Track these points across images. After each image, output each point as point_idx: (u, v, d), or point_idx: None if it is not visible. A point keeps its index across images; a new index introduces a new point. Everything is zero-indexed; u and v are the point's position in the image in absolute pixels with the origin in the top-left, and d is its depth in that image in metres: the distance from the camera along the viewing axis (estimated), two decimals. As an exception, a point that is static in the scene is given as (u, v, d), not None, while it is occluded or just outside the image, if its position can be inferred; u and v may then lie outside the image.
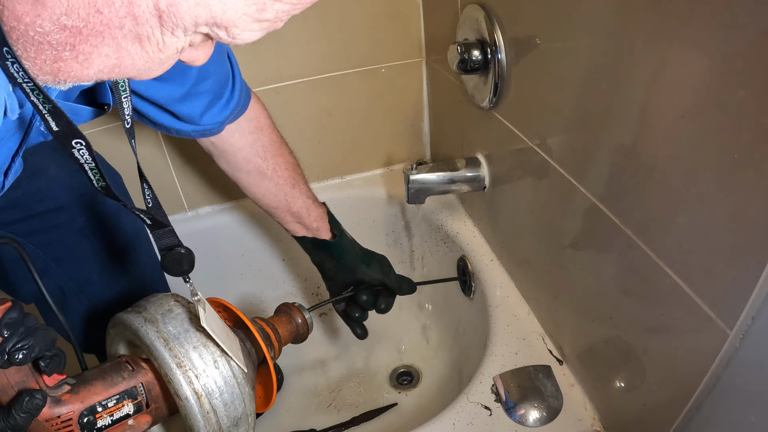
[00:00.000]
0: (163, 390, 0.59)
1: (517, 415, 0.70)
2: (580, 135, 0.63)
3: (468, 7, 0.81)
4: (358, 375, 1.14)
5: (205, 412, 0.56)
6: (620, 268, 0.60)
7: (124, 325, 0.60)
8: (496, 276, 0.93)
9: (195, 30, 0.32)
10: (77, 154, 0.40)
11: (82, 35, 0.30)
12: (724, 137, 0.42)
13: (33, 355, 0.45)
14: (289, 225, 0.87)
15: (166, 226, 0.53)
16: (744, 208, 0.42)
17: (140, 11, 0.30)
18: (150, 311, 0.59)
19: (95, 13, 0.29)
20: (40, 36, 0.30)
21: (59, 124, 0.37)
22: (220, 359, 0.58)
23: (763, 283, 0.41)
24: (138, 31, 0.31)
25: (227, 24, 0.32)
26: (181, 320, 0.59)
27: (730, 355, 0.46)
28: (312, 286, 1.27)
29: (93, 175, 0.43)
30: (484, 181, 0.92)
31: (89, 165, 0.42)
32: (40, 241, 0.73)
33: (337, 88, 1.09)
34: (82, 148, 0.40)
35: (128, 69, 0.33)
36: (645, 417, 0.61)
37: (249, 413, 0.61)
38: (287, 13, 0.33)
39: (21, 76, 0.32)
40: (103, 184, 0.44)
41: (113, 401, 0.54)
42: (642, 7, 0.48)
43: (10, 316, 0.45)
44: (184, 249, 0.55)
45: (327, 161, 1.19)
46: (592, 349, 0.71)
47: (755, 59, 0.38)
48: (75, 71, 0.32)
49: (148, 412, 0.57)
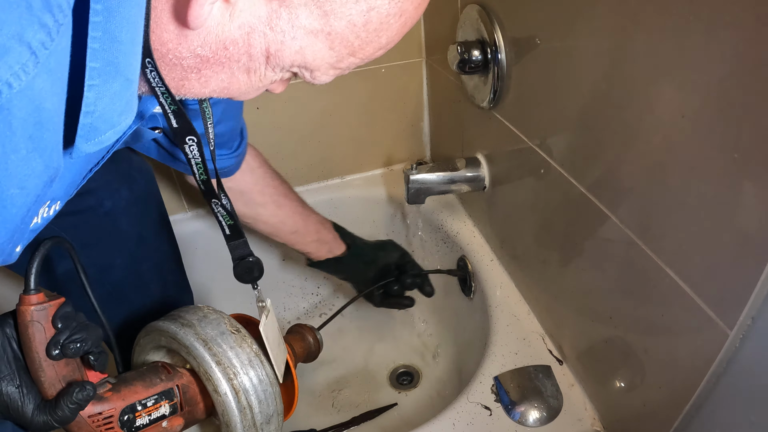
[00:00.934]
0: (198, 393, 0.62)
1: (517, 415, 0.70)
2: (580, 135, 0.63)
3: (468, 7, 0.81)
4: (358, 375, 1.14)
5: (242, 408, 0.59)
6: (620, 268, 0.60)
7: (160, 331, 0.62)
8: (496, 276, 0.93)
9: (289, 69, 0.41)
10: (187, 150, 0.47)
11: (209, 63, 0.38)
12: (724, 137, 0.42)
13: (85, 348, 0.48)
14: (310, 246, 0.92)
15: (242, 238, 0.59)
16: (744, 208, 0.42)
17: (254, 51, 0.38)
18: (185, 318, 0.62)
19: (222, 49, 0.37)
20: (176, 59, 0.37)
21: (179, 122, 0.43)
22: (255, 359, 0.61)
23: (763, 283, 0.41)
24: (249, 65, 0.39)
25: (313, 68, 0.41)
26: (216, 324, 0.62)
27: (730, 355, 0.46)
28: (312, 286, 1.27)
29: (197, 169, 0.49)
30: (484, 181, 0.92)
31: (195, 160, 0.48)
32: (66, 223, 0.73)
33: (337, 88, 1.09)
34: (193, 145, 0.47)
35: (234, 91, 0.41)
36: (645, 417, 0.61)
37: (279, 412, 0.64)
38: (355, 65, 0.43)
39: (156, 81, 0.38)
40: (204, 178, 0.51)
41: (152, 401, 0.56)
42: (642, 6, 0.48)
43: (64, 310, 0.48)
44: (254, 258, 0.60)
45: (327, 161, 1.19)
46: (592, 349, 0.71)
47: (755, 59, 0.38)
48: (195, 89, 0.40)
49: (181, 414, 0.60)
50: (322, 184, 1.21)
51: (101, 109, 0.34)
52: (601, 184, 0.60)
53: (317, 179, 1.20)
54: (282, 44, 0.38)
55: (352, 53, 0.41)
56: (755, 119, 0.39)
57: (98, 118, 0.34)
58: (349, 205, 1.19)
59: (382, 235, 1.21)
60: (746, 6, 0.38)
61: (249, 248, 0.60)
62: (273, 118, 1.09)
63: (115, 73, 0.33)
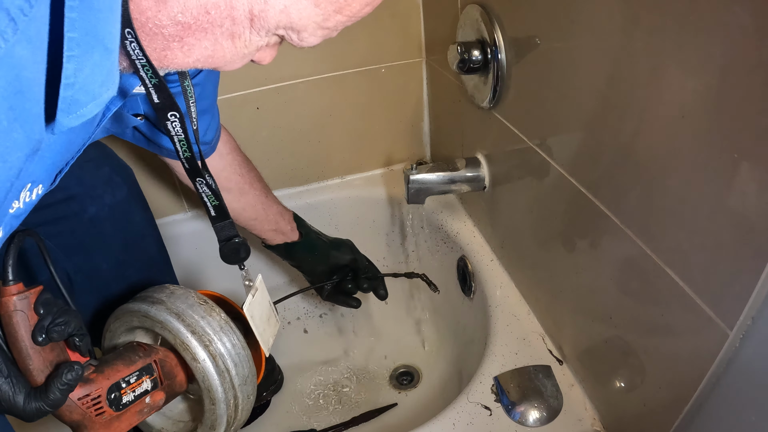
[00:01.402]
0: (174, 366, 0.64)
1: (517, 415, 0.70)
2: (580, 135, 0.63)
3: (468, 7, 0.81)
4: (358, 375, 1.14)
5: (221, 371, 0.62)
6: (620, 268, 0.60)
7: (132, 312, 0.64)
8: (496, 276, 0.93)
9: (274, 32, 0.39)
10: (170, 126, 0.45)
11: (191, 30, 0.36)
12: (724, 137, 0.42)
13: (69, 330, 0.49)
14: (267, 234, 0.93)
15: (228, 219, 0.58)
16: (744, 208, 0.42)
17: (237, 14, 0.37)
18: (154, 296, 0.65)
19: (204, 14, 0.36)
20: (157, 28, 0.36)
21: (160, 97, 0.42)
22: (225, 326, 0.64)
23: (763, 283, 0.41)
24: (233, 30, 0.38)
25: (300, 28, 0.39)
26: (184, 298, 0.65)
27: (730, 355, 0.46)
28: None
29: (180, 146, 0.48)
30: (484, 181, 0.92)
31: (179, 137, 0.47)
32: (49, 231, 0.74)
33: (337, 88, 1.09)
34: (176, 121, 0.45)
35: (219, 60, 0.40)
36: (645, 417, 0.61)
37: (253, 374, 0.67)
38: (343, 24, 0.41)
39: (136, 53, 0.36)
40: (188, 155, 0.50)
41: (134, 377, 0.59)
42: (642, 6, 0.48)
43: (44, 296, 0.49)
44: (241, 239, 0.60)
45: (327, 161, 1.19)
46: (592, 349, 0.71)
47: (755, 59, 0.38)
48: (178, 59, 0.38)
49: (162, 388, 0.62)
50: (322, 184, 1.21)
51: (81, 81, 0.33)
52: (601, 184, 0.60)
53: (317, 179, 1.20)
54: (266, 4, 0.37)
55: (339, 10, 0.39)
56: (755, 119, 0.39)
57: (79, 90, 0.33)
58: (349, 205, 1.19)
59: (382, 235, 1.22)
60: (746, 5, 0.38)
61: (235, 229, 0.59)
62: (273, 118, 1.09)
63: (95, 43, 0.33)
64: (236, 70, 1.09)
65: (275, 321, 0.71)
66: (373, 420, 1.03)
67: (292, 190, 1.20)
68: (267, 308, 0.69)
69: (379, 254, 1.24)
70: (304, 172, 1.19)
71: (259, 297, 0.67)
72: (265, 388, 1.07)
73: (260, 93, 1.05)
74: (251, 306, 0.65)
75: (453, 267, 1.06)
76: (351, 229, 1.22)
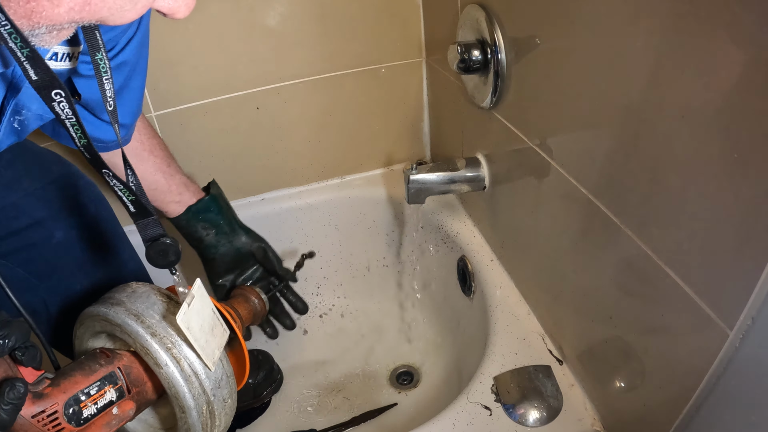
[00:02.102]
0: (143, 371, 0.59)
1: (517, 415, 0.70)
2: (580, 135, 0.63)
3: (468, 7, 0.81)
4: (358, 375, 1.14)
5: (187, 376, 0.56)
6: (620, 268, 0.60)
7: (92, 317, 0.59)
8: (496, 276, 0.93)
9: None
10: (57, 108, 0.38)
11: None
12: (724, 137, 0.42)
13: (10, 344, 0.45)
14: (170, 206, 0.86)
15: (151, 215, 0.51)
16: (744, 208, 0.42)
17: None
18: (115, 297, 0.59)
19: None
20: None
21: (38, 73, 0.35)
22: None
23: (763, 283, 0.41)
24: None
25: None
26: (145, 297, 0.59)
27: (730, 355, 0.46)
28: (312, 286, 1.27)
29: (74, 132, 0.41)
30: (484, 181, 0.92)
31: (70, 120, 0.40)
32: (19, 258, 0.72)
33: (337, 88, 1.09)
34: (62, 101, 0.38)
35: (98, 7, 0.32)
36: (645, 417, 0.61)
37: (229, 374, 0.61)
38: None
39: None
40: (84, 142, 0.42)
41: (95, 388, 0.54)
42: (641, 6, 0.48)
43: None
44: (170, 239, 0.52)
45: (327, 161, 1.19)
46: (592, 349, 0.71)
47: (755, 59, 0.38)
48: (46, 10, 0.31)
49: (130, 397, 0.57)
50: (322, 184, 1.21)
51: None
52: (601, 184, 0.60)
53: (317, 179, 1.20)
54: None
55: None
56: (755, 119, 0.39)
57: None
58: (349, 205, 1.19)
59: (382, 235, 1.22)
60: (746, 5, 0.38)
61: (161, 227, 0.52)
62: (273, 118, 1.09)
63: None
64: (236, 70, 1.10)
65: (222, 330, 0.62)
66: (373, 420, 1.03)
67: (292, 190, 1.20)
68: (210, 317, 0.60)
69: (379, 254, 1.24)
70: (304, 172, 1.19)
71: (198, 305, 0.58)
72: (264, 388, 1.07)
73: (260, 93, 1.05)
74: (187, 316, 0.55)
75: (453, 267, 1.06)
76: (351, 229, 1.22)
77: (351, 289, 1.28)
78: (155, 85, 0.97)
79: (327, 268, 1.26)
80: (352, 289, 1.28)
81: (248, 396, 1.05)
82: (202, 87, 1.01)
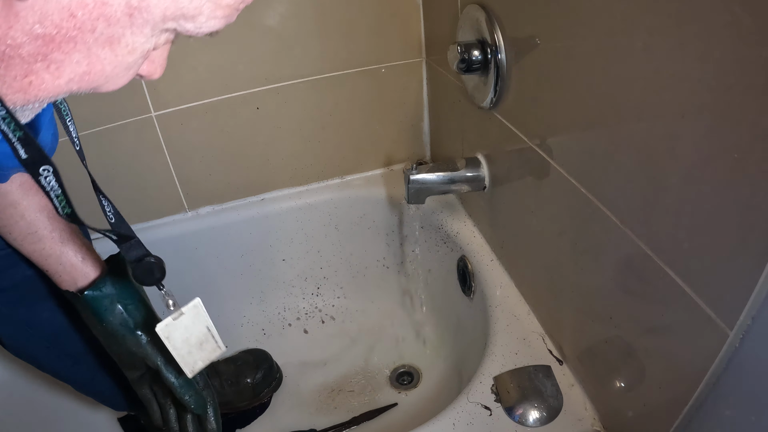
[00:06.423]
0: None
1: (517, 415, 0.70)
2: (579, 135, 0.63)
3: (468, 7, 0.81)
4: (358, 375, 1.14)
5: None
6: (620, 268, 0.60)
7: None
8: (496, 276, 0.93)
9: (163, 27, 0.32)
10: (44, 182, 0.39)
11: (55, 43, 0.29)
12: (724, 137, 0.42)
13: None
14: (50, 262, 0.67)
15: (132, 238, 0.52)
16: (744, 208, 0.42)
17: (112, 11, 0.29)
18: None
19: (69, 18, 0.28)
20: (11, 50, 0.29)
21: (28, 151, 0.35)
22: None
23: (763, 283, 0.41)
24: (109, 34, 0.30)
25: (194, 13, 0.32)
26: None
27: (730, 355, 0.46)
28: (312, 286, 1.28)
29: (59, 203, 0.41)
30: (484, 181, 0.92)
31: (55, 192, 0.40)
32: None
33: (337, 88, 1.09)
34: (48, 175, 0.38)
35: (98, 76, 0.33)
36: (645, 417, 0.61)
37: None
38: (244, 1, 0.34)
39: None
40: (68, 211, 0.42)
41: None
42: (641, 6, 0.48)
43: None
44: (154, 258, 0.53)
45: (327, 161, 1.19)
46: (592, 349, 0.71)
47: (755, 58, 0.38)
48: (47, 83, 0.31)
49: None
50: (322, 184, 1.21)
51: None
52: (601, 184, 0.60)
53: (317, 179, 1.20)
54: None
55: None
56: (755, 119, 0.39)
57: None
58: (349, 205, 1.20)
59: (382, 235, 1.22)
60: (746, 5, 0.38)
61: (144, 248, 0.53)
62: (273, 118, 1.09)
63: None
64: (236, 70, 1.10)
65: (214, 347, 0.61)
66: (373, 420, 1.03)
67: (292, 190, 1.20)
68: (202, 333, 0.60)
69: (379, 254, 1.24)
70: (304, 172, 1.19)
71: (188, 321, 0.58)
72: (264, 387, 1.07)
73: (260, 93, 1.05)
74: (169, 327, 0.56)
75: (453, 267, 1.06)
76: (351, 229, 1.22)
77: (351, 289, 1.28)
78: (155, 85, 0.97)
79: (327, 269, 1.26)
80: (352, 289, 1.28)
81: (248, 395, 1.05)
82: (202, 87, 1.01)
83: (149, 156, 1.05)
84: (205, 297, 1.20)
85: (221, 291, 1.21)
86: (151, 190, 1.10)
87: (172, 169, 1.08)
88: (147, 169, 1.07)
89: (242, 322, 1.24)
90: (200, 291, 1.16)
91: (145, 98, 0.98)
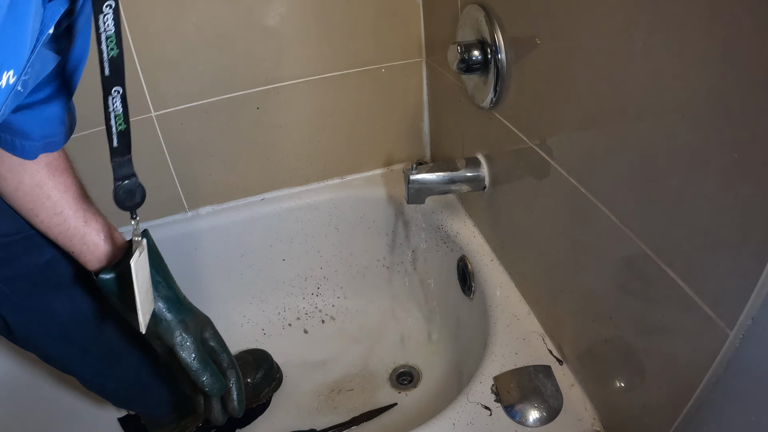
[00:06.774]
0: None
1: (517, 415, 0.70)
2: (580, 135, 0.63)
3: (468, 7, 0.81)
4: (358, 375, 1.14)
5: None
6: (620, 268, 0.60)
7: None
8: (496, 276, 0.93)
9: None
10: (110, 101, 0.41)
11: None
12: (724, 137, 0.42)
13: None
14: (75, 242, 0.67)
15: (127, 155, 0.51)
16: (744, 208, 0.42)
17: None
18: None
19: None
20: None
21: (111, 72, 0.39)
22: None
23: (763, 283, 0.41)
24: None
25: None
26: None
27: (730, 355, 0.46)
28: (312, 286, 1.28)
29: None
30: (484, 181, 0.92)
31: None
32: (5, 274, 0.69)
33: (337, 88, 1.09)
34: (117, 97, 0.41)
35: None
36: (645, 417, 0.61)
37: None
38: None
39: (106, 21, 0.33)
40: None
41: None
42: (641, 6, 0.48)
43: None
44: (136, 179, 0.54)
45: (327, 161, 1.19)
46: (592, 349, 0.71)
47: (755, 58, 0.38)
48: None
49: None
50: (322, 184, 1.21)
51: None
52: (600, 184, 0.60)
53: (317, 179, 1.20)
54: None
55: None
56: (755, 119, 0.39)
57: None
58: (349, 205, 1.20)
59: (382, 235, 1.22)
60: (746, 5, 0.38)
61: (133, 169, 0.52)
62: (273, 118, 1.09)
63: None
64: (236, 70, 1.10)
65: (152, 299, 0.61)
66: (373, 420, 1.03)
67: (292, 190, 1.20)
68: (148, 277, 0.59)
69: (380, 254, 1.24)
70: (304, 172, 1.19)
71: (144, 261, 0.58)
72: (264, 387, 1.07)
73: (260, 93, 1.05)
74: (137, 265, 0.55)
75: (453, 267, 1.06)
76: (351, 229, 1.22)
77: (351, 289, 1.28)
78: (155, 85, 0.97)
79: (327, 269, 1.26)
80: (352, 289, 1.28)
81: (248, 395, 1.05)
82: (202, 87, 1.01)
83: (149, 156, 1.05)
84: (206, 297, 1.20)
85: (221, 291, 1.21)
86: (151, 190, 1.08)
87: (172, 169, 1.08)
88: (147, 169, 1.07)
89: (242, 322, 1.24)
90: (200, 291, 1.16)
91: (145, 98, 0.98)
